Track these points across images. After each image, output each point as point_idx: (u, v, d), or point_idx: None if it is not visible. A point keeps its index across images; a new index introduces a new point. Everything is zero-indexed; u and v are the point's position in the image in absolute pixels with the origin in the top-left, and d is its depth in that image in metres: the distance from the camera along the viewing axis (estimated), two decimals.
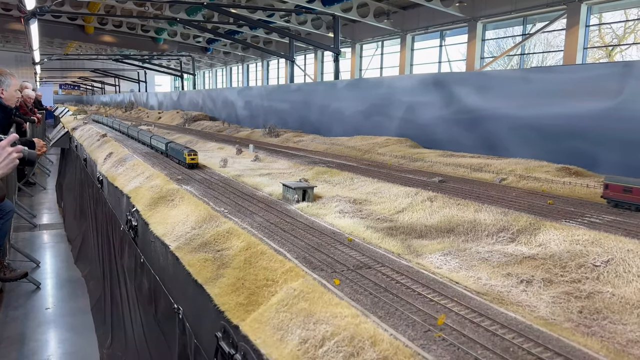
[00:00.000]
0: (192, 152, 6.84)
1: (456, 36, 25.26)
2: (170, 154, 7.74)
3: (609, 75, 6.58)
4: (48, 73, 60.42)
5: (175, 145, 7.71)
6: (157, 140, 8.73)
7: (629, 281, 2.74)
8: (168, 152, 7.84)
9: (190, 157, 6.74)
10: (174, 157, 7.49)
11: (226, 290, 3.09)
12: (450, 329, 2.28)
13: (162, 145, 8.22)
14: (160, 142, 8.42)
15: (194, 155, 6.81)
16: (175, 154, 7.35)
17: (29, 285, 9.71)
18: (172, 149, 7.66)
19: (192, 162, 6.74)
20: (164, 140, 8.35)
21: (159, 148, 8.52)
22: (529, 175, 5.76)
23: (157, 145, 8.65)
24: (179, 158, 7.09)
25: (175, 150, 7.37)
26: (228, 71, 54.22)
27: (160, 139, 8.68)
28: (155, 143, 8.98)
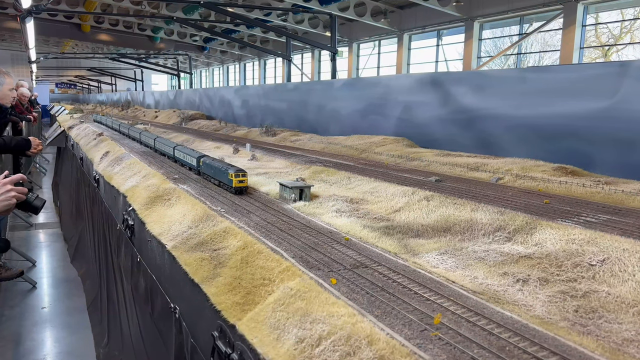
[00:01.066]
0: (240, 172, 5.10)
1: (453, 35, 25.29)
2: (205, 171, 6.00)
3: (605, 75, 6.60)
4: (44, 72, 60.20)
5: (213, 161, 5.87)
6: (184, 152, 6.96)
7: (625, 280, 2.75)
8: (202, 169, 6.11)
9: (239, 179, 5.08)
10: (210, 177, 5.82)
11: (223, 290, 3.09)
12: (446, 328, 2.28)
13: (192, 160, 6.48)
14: (189, 154, 6.69)
15: (242, 176, 5.11)
16: (214, 173, 5.63)
17: (24, 285, 9.69)
18: (209, 167, 5.86)
19: (240, 185, 5.11)
20: (194, 154, 6.55)
21: (187, 162, 6.78)
22: (525, 175, 5.77)
23: (184, 158, 6.89)
24: (220, 179, 5.44)
25: (215, 169, 5.61)
26: (225, 70, 54.16)
27: (187, 150, 6.98)
28: (180, 155, 7.22)
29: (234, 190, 5.10)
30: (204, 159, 6.18)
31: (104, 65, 53.68)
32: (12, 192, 3.49)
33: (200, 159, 6.23)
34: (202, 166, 6.11)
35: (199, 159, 6.27)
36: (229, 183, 5.16)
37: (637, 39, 19.96)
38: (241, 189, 5.12)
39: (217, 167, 5.54)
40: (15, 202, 3.52)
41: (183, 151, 7.09)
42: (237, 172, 5.10)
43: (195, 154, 6.55)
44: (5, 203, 3.45)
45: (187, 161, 6.77)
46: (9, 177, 3.55)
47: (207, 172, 5.90)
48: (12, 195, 3.47)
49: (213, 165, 5.70)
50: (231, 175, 5.11)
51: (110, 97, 47.81)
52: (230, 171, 5.15)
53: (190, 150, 6.98)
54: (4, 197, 3.45)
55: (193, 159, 6.46)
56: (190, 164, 6.60)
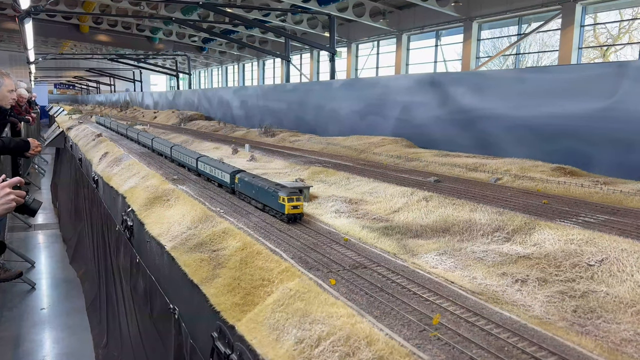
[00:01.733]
0: (294, 194, 4.09)
1: (452, 36, 25.30)
2: (242, 191, 4.94)
3: (603, 75, 6.61)
4: (43, 72, 60.16)
5: (254, 178, 4.76)
6: (213, 166, 5.83)
7: (623, 280, 2.76)
8: (237, 187, 5.06)
9: (292, 205, 4.03)
10: (250, 198, 4.75)
11: (222, 291, 3.10)
12: (445, 329, 2.29)
13: (224, 175, 5.41)
14: (219, 169, 5.60)
15: (296, 200, 4.06)
16: (257, 195, 4.54)
17: (23, 286, 9.68)
18: (248, 185, 4.75)
19: (295, 211, 4.06)
20: (227, 168, 5.48)
21: (216, 177, 5.72)
22: (524, 175, 5.78)
23: (213, 172, 5.80)
24: (266, 202, 4.37)
25: (257, 189, 4.54)
26: (224, 71, 54.15)
27: (217, 163, 5.88)
28: (206, 168, 6.06)
29: (286, 217, 4.03)
30: (240, 175, 5.01)
31: (102, 66, 53.65)
32: (11, 195, 3.51)
33: (236, 175, 5.09)
34: (238, 184, 4.99)
35: (233, 175, 5.13)
36: (278, 208, 4.11)
37: (635, 39, 20.00)
38: (295, 217, 4.06)
39: (261, 187, 4.45)
40: (15, 205, 3.53)
41: (211, 164, 5.89)
42: (291, 195, 4.01)
43: (229, 168, 5.37)
44: (5, 206, 3.47)
45: (216, 176, 5.65)
46: (7, 181, 3.56)
47: (246, 192, 4.82)
48: (11, 198, 3.49)
49: (255, 185, 4.60)
50: (282, 199, 4.03)
51: (109, 97, 47.80)
52: (282, 194, 4.05)
53: (220, 164, 5.77)
54: (4, 200, 3.47)
55: (225, 174, 5.31)
56: (221, 180, 5.47)
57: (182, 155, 7.14)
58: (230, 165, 5.61)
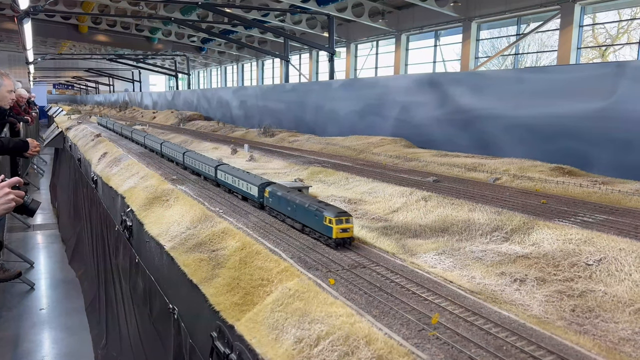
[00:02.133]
0: (343, 215, 3.45)
1: (451, 36, 25.32)
2: (274, 207, 4.27)
3: (602, 75, 6.62)
4: (42, 73, 60.11)
5: (289, 193, 4.08)
6: (236, 176, 5.09)
7: (621, 280, 2.77)
8: (268, 202, 4.36)
9: (341, 227, 3.39)
10: (284, 216, 4.08)
11: (221, 290, 3.10)
12: (444, 328, 2.29)
13: (251, 187, 4.68)
14: (245, 180, 4.86)
15: (346, 221, 3.42)
16: (295, 213, 3.87)
17: (22, 286, 9.67)
18: (282, 201, 4.10)
19: (344, 235, 3.42)
20: (254, 179, 4.74)
21: (240, 190, 4.97)
22: (522, 175, 5.79)
23: (237, 184, 5.05)
24: (307, 222, 3.71)
25: (295, 207, 3.86)
26: (223, 71, 54.13)
27: (240, 173, 5.15)
28: (227, 178, 5.33)
29: (334, 242, 3.40)
30: (272, 188, 4.29)
31: (101, 66, 53.61)
32: (10, 195, 3.52)
33: (266, 188, 4.38)
34: (269, 199, 4.28)
35: (262, 187, 4.46)
36: (323, 231, 3.47)
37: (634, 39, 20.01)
38: (344, 241, 3.44)
39: (300, 205, 3.75)
40: (14, 205, 3.54)
41: (233, 174, 5.15)
42: (339, 216, 3.37)
43: (256, 179, 4.68)
44: (5, 206, 3.49)
45: (240, 188, 4.93)
46: (6, 181, 3.56)
47: (279, 208, 4.12)
48: (10, 198, 3.51)
49: (292, 201, 3.88)
50: (329, 220, 3.38)
51: (108, 97, 47.78)
52: (328, 214, 3.40)
53: (244, 174, 5.03)
54: (3, 200, 3.48)
55: (252, 186, 4.60)
56: (247, 192, 4.78)
57: (197, 162, 6.35)
58: (257, 176, 4.83)
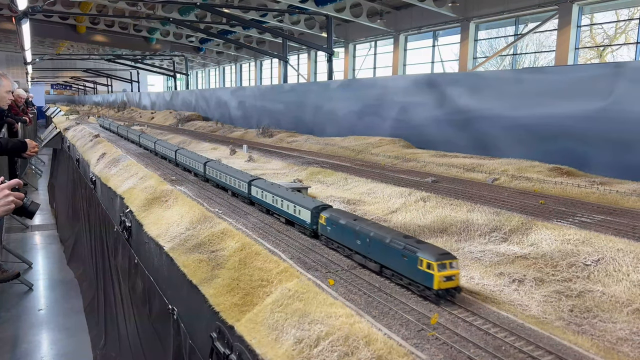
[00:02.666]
0: (447, 257, 2.60)
1: (449, 36, 25.33)
2: (336, 238, 3.40)
3: (600, 76, 6.64)
4: (40, 73, 60.04)
5: (358, 221, 3.23)
6: (279, 195, 4.20)
7: (619, 280, 2.78)
8: (327, 232, 3.47)
9: (444, 275, 2.55)
10: (352, 250, 3.20)
11: (221, 291, 3.11)
12: (443, 328, 2.30)
13: (301, 211, 3.81)
14: (292, 201, 3.96)
15: (450, 266, 2.59)
16: (371, 248, 3.01)
17: (21, 287, 9.66)
18: (351, 233, 3.19)
19: (449, 285, 2.58)
20: (304, 200, 3.88)
21: (285, 212, 4.09)
22: (521, 175, 5.81)
23: (279, 205, 4.18)
24: (392, 264, 2.85)
25: (371, 241, 3.01)
26: (221, 71, 54.10)
27: (284, 192, 4.21)
28: (266, 197, 4.42)
29: (435, 293, 2.56)
30: (331, 215, 3.45)
31: (99, 66, 53.57)
32: (10, 197, 3.53)
33: (322, 213, 3.54)
34: (326, 227, 3.42)
35: (316, 211, 3.60)
36: (418, 278, 2.62)
37: (631, 40, 20.05)
38: (448, 292, 2.58)
39: (377, 239, 2.93)
40: (14, 207, 3.55)
41: (273, 191, 4.29)
42: (442, 259, 2.55)
43: (308, 201, 3.83)
44: (5, 208, 3.49)
45: (286, 211, 4.02)
46: (6, 183, 3.57)
47: (342, 240, 3.26)
48: (10, 200, 3.52)
49: (363, 233, 3.05)
50: (427, 265, 2.55)
51: (106, 98, 47.73)
52: (425, 256, 2.58)
53: (288, 192, 4.15)
54: (3, 202, 3.48)
55: (302, 209, 3.74)
56: (293, 215, 3.91)
57: (223, 175, 5.45)
58: (307, 197, 4.02)
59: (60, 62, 55.07)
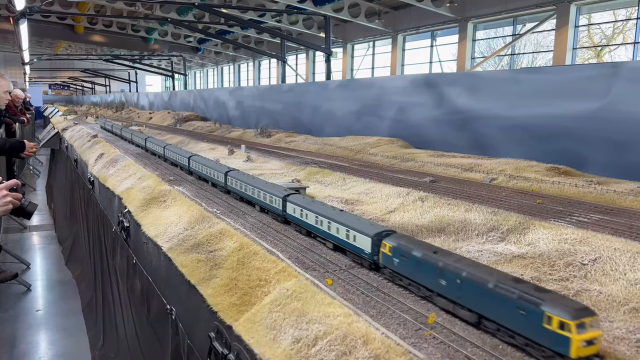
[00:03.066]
0: (584, 311, 2.01)
1: (447, 36, 25.35)
2: (401, 271, 2.83)
3: (597, 76, 6.66)
4: (37, 73, 59.90)
5: (439, 255, 2.66)
6: (333, 219, 3.46)
7: (616, 279, 2.79)
8: (391, 263, 2.89)
9: (585, 338, 1.95)
10: (432, 291, 2.61)
11: (219, 291, 3.11)
12: (440, 327, 2.31)
13: (359, 239, 3.16)
14: (345, 224, 3.30)
15: (591, 326, 1.98)
16: (463, 292, 2.41)
17: (19, 287, 9.65)
18: (427, 268, 2.64)
19: (590, 351, 1.96)
20: (365, 227, 3.20)
21: (338, 239, 3.39)
22: (518, 175, 5.82)
23: (329, 229, 3.48)
24: (497, 317, 2.23)
25: (464, 283, 2.41)
26: (219, 71, 54.05)
27: (338, 214, 3.52)
28: (304, 215, 3.81)
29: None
30: (397, 242, 2.87)
31: (97, 66, 53.47)
32: (8, 197, 3.53)
33: (385, 241, 2.94)
34: (393, 259, 2.83)
35: (379, 237, 2.99)
36: (545, 340, 2.06)
37: (629, 40, 20.10)
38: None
39: (474, 281, 2.38)
40: (12, 207, 3.55)
41: (319, 211, 3.62)
42: (581, 317, 2.01)
43: (366, 226, 3.20)
44: (3, 209, 3.50)
45: (335, 235, 3.38)
46: (4, 183, 3.57)
47: (416, 276, 2.69)
48: (8, 200, 3.52)
49: (449, 270, 2.52)
50: (557, 323, 2.01)
51: (104, 98, 47.68)
52: (554, 311, 2.03)
53: (337, 213, 3.53)
54: (1, 202, 3.48)
55: (362, 237, 3.09)
56: (349, 243, 3.23)
57: (250, 187, 4.75)
58: (364, 220, 3.41)
59: (58, 63, 54.95)
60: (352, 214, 3.75)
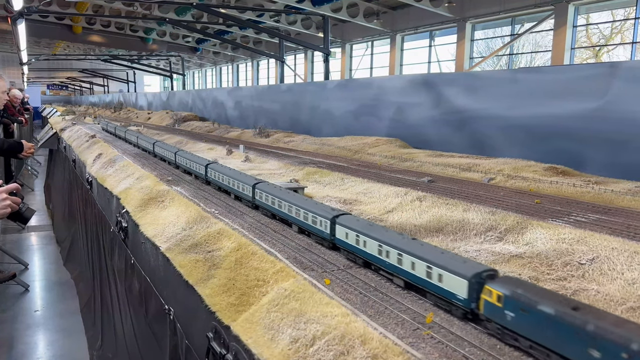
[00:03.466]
0: None
1: (445, 36, 25.38)
2: (525, 333, 2.06)
3: (595, 75, 6.67)
4: (36, 73, 59.81)
5: (587, 318, 1.87)
6: (409, 253, 2.73)
7: (614, 278, 2.80)
8: (511, 321, 2.11)
9: None
10: None
11: (217, 291, 3.11)
12: (438, 327, 2.31)
13: (451, 281, 2.44)
14: (431, 262, 2.58)
15: None
16: None
17: (17, 288, 9.64)
18: (607, 343, 1.74)
19: None
20: (459, 265, 2.48)
21: (423, 281, 2.62)
22: (516, 175, 5.82)
23: (409, 266, 2.71)
24: None
25: None
26: (218, 71, 54.02)
27: (417, 246, 2.79)
28: (372, 248, 3.01)
29: None
30: (514, 291, 2.18)
31: (95, 66, 53.38)
32: (7, 200, 3.53)
33: (491, 284, 2.29)
34: (509, 310, 2.16)
35: (480, 280, 2.37)
36: None
37: (627, 40, 20.13)
38: None
39: None
40: (10, 211, 3.55)
41: (391, 242, 2.92)
42: None
43: (457, 262, 2.55)
44: (1, 212, 3.49)
45: (417, 276, 2.68)
46: (4, 187, 3.57)
47: (557, 346, 1.98)
48: (7, 204, 3.53)
49: (615, 341, 1.76)
50: None
51: (102, 98, 47.63)
52: None
53: (417, 245, 2.81)
54: (0, 205, 3.49)
55: (454, 278, 2.45)
56: (427, 282, 2.61)
57: (286, 205, 4.05)
58: (453, 255, 2.68)
59: (56, 63, 54.84)
60: (438, 248, 2.79)
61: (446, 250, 2.78)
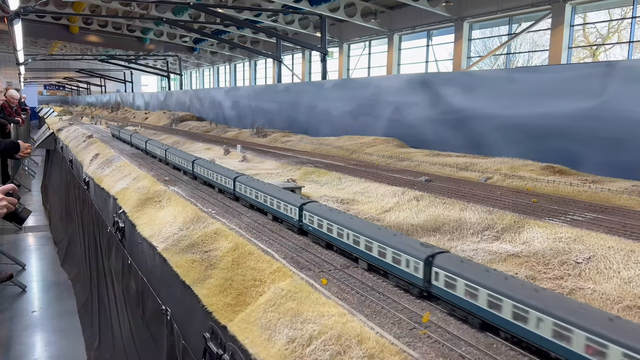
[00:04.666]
0: None
1: (443, 36, 25.40)
2: None
3: (592, 75, 6.68)
4: (32, 73, 59.65)
5: None
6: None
7: (610, 277, 2.80)
8: None
9: None
10: None
11: (214, 291, 3.10)
12: (435, 326, 2.31)
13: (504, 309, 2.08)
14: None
15: None
16: None
17: (14, 288, 9.61)
18: None
19: None
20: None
21: None
22: (513, 174, 5.83)
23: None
24: None
25: None
26: (215, 71, 53.96)
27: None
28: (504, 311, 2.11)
29: None
30: None
31: (93, 66, 53.27)
32: (3, 201, 3.52)
33: None
34: None
35: None
36: None
37: (624, 39, 20.17)
38: None
39: None
40: (6, 212, 3.54)
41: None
42: None
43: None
44: None
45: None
46: (0, 187, 3.56)
47: None
48: (3, 204, 3.51)
49: None
50: None
51: (99, 98, 47.56)
52: None
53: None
54: None
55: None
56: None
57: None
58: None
59: (53, 63, 54.68)
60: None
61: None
